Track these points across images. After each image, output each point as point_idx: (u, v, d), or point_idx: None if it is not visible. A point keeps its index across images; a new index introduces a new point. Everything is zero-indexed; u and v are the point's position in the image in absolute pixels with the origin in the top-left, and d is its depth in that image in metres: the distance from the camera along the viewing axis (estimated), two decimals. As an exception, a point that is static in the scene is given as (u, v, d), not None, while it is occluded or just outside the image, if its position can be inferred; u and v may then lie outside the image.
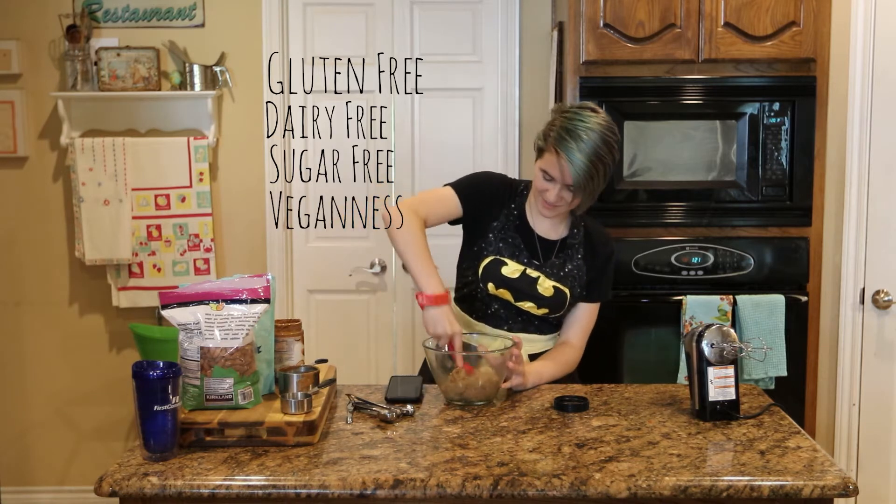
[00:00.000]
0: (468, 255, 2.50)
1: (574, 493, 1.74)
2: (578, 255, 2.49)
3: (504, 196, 2.50)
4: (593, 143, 2.31)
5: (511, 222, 2.48)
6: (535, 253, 2.46)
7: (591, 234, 2.53)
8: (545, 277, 2.42)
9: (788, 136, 3.12)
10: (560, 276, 2.45)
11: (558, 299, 2.43)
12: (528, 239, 2.47)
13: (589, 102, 2.50)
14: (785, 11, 3.06)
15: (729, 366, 2.12)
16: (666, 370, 3.13)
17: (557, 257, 2.47)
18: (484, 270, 2.43)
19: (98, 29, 3.75)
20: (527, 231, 2.48)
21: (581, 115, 2.34)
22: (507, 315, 2.46)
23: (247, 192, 3.85)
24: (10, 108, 3.78)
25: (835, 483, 1.76)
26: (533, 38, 3.80)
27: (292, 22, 3.82)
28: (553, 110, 2.45)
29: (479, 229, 2.48)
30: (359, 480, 1.75)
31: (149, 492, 1.75)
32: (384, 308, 3.95)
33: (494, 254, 2.44)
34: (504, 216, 2.48)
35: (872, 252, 3.28)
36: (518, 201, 2.50)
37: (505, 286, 2.42)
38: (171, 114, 3.81)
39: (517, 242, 2.46)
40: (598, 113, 2.37)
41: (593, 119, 2.33)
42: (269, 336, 2.12)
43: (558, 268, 2.46)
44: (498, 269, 2.42)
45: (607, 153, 2.34)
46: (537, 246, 2.47)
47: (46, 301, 3.91)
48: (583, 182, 2.32)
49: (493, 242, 2.45)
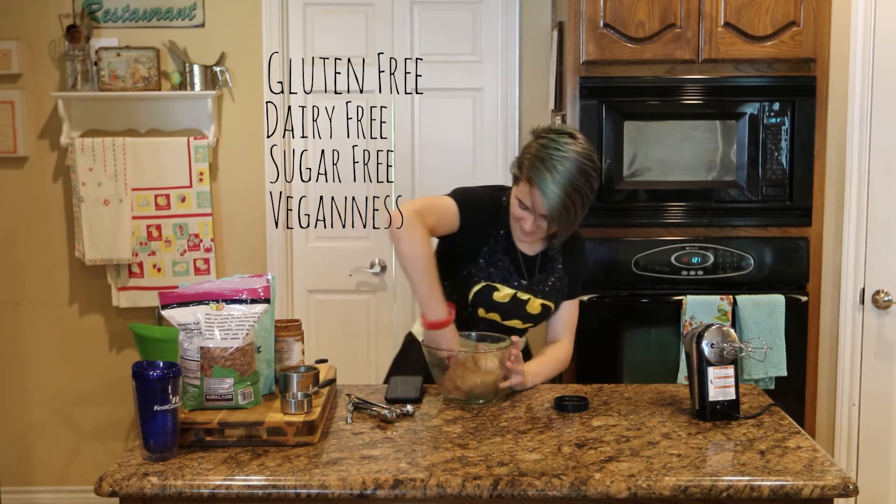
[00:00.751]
0: (458, 276, 2.39)
1: (574, 493, 1.74)
2: (559, 266, 2.46)
3: (494, 218, 2.40)
4: (568, 174, 2.20)
5: (500, 244, 2.40)
6: (521, 272, 2.41)
7: (568, 240, 2.46)
8: (534, 298, 2.39)
9: (788, 136, 3.12)
10: (545, 291, 2.42)
11: (544, 315, 2.44)
12: (515, 259, 2.41)
13: (569, 126, 2.37)
14: (785, 11, 3.06)
15: (729, 366, 2.12)
16: (666, 370, 3.13)
17: (541, 273, 2.43)
18: (475, 296, 2.37)
19: (98, 29, 3.75)
20: (513, 251, 2.41)
21: (557, 143, 2.23)
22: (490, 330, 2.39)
23: (247, 192, 3.85)
24: (10, 108, 3.78)
25: (835, 483, 1.76)
26: (533, 38, 3.81)
27: (292, 22, 3.83)
28: (531, 132, 2.35)
29: (468, 251, 2.39)
30: (359, 480, 1.75)
31: (149, 492, 1.75)
32: (384, 308, 3.95)
33: (486, 280, 2.37)
34: (493, 238, 2.40)
35: (872, 252, 3.28)
36: (505, 220, 2.41)
37: (495, 310, 2.39)
38: (171, 114, 3.81)
39: (506, 265, 2.40)
40: (577, 139, 2.26)
41: (570, 147, 2.22)
42: (269, 336, 2.12)
43: (543, 283, 2.43)
44: (490, 295, 2.37)
45: (584, 184, 2.22)
46: (522, 265, 2.42)
47: (46, 301, 3.91)
48: (557, 215, 2.23)
49: (484, 268, 2.38)
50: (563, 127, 2.33)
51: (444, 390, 2.24)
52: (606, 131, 3.10)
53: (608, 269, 3.14)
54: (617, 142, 3.11)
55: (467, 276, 2.38)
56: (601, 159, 3.12)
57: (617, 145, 3.11)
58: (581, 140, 2.27)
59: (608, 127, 3.10)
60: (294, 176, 3.90)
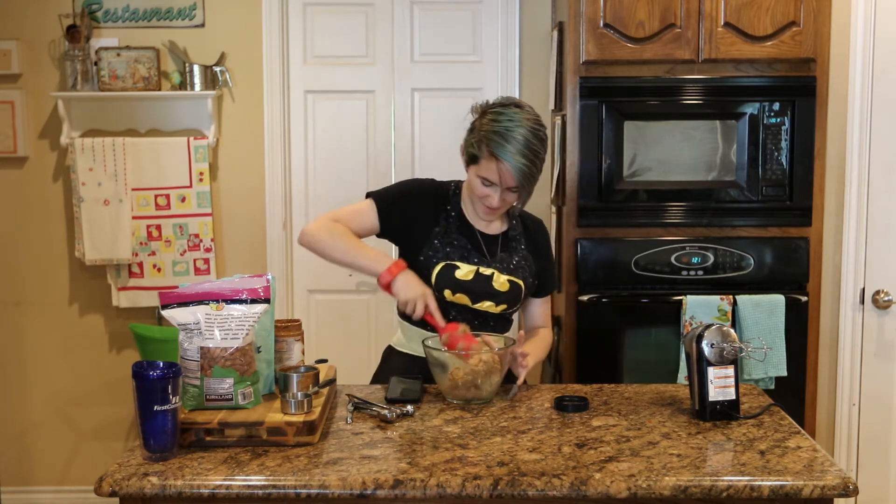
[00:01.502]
0: (416, 264, 2.41)
1: (574, 493, 1.74)
2: (522, 247, 2.49)
3: (437, 201, 2.45)
4: (526, 140, 2.27)
5: (452, 224, 2.43)
6: (481, 251, 2.43)
7: (527, 223, 2.53)
8: (498, 273, 2.40)
9: (788, 136, 3.12)
10: (510, 268, 2.43)
11: (514, 292, 2.42)
12: (472, 238, 2.44)
13: (512, 97, 2.45)
14: (785, 11, 3.06)
15: (729, 366, 2.12)
16: (666, 370, 3.13)
17: (503, 251, 2.46)
18: (437, 277, 2.37)
19: (98, 29, 3.76)
20: (469, 231, 2.44)
21: (508, 114, 2.30)
22: (464, 320, 2.39)
23: (247, 192, 3.85)
24: (10, 108, 3.78)
25: (835, 483, 1.76)
26: (533, 38, 3.81)
27: (292, 22, 3.83)
28: (473, 110, 2.40)
29: (419, 238, 2.42)
30: (359, 480, 1.75)
31: (149, 492, 1.75)
32: (384, 308, 3.95)
33: (444, 259, 2.39)
34: (444, 220, 2.43)
35: (872, 252, 3.28)
36: (454, 201, 2.46)
37: (461, 290, 2.38)
38: (171, 114, 3.81)
39: (463, 243, 2.42)
40: (523, 107, 2.34)
41: (520, 116, 2.30)
42: (269, 336, 2.12)
43: (506, 262, 2.44)
44: (451, 274, 2.37)
45: (541, 147, 2.31)
46: (481, 243, 2.44)
47: (46, 301, 3.91)
48: (524, 181, 2.30)
49: (440, 248, 2.40)
50: (507, 99, 2.40)
51: (444, 390, 2.23)
52: (606, 131, 3.10)
53: (608, 269, 3.14)
54: (617, 142, 3.11)
55: (425, 261, 2.40)
56: (601, 159, 3.12)
57: (617, 145, 3.11)
58: (527, 107, 2.36)
59: (608, 127, 3.10)
60: (294, 176, 3.90)
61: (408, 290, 2.28)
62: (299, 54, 3.84)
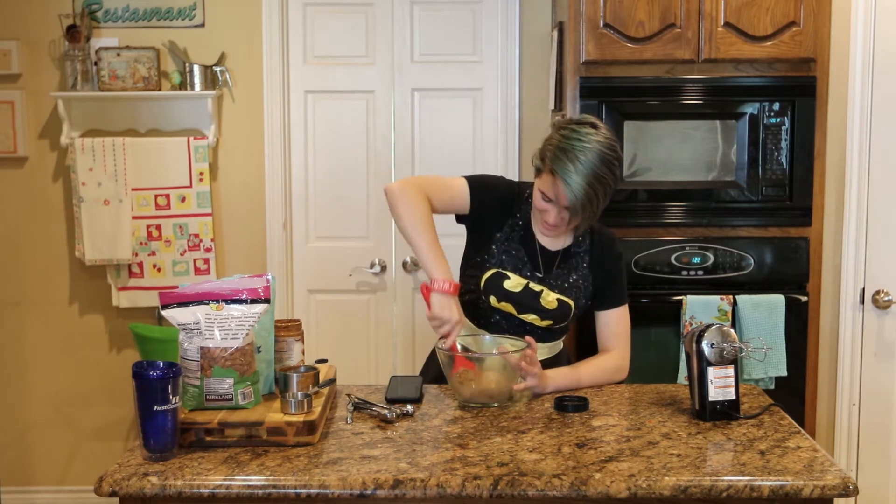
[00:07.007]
0: (472, 262, 2.42)
1: (574, 493, 1.74)
2: (584, 265, 2.42)
3: (511, 204, 2.42)
4: (591, 164, 2.20)
5: (516, 233, 2.40)
6: (537, 265, 2.39)
7: (595, 239, 2.45)
8: (548, 290, 2.36)
9: (788, 136, 3.12)
10: (564, 287, 2.38)
11: (562, 311, 2.38)
12: (531, 250, 2.40)
13: (589, 116, 2.35)
14: (785, 11, 3.06)
15: (729, 366, 2.12)
16: (666, 370, 3.13)
17: (560, 268, 2.40)
18: (486, 283, 2.36)
19: (98, 29, 3.76)
20: (530, 242, 2.40)
21: (579, 133, 2.23)
22: (508, 326, 2.40)
23: (247, 192, 3.85)
24: (10, 108, 3.78)
25: (835, 483, 1.76)
26: (533, 38, 3.81)
27: (292, 22, 3.83)
28: (552, 125, 2.34)
29: (483, 237, 2.40)
30: (359, 480, 1.75)
31: (149, 492, 1.75)
32: (384, 308, 3.95)
33: (497, 266, 2.37)
34: (509, 226, 2.40)
35: (872, 252, 3.28)
36: (523, 210, 2.42)
37: (507, 300, 2.36)
38: (171, 114, 3.81)
39: (520, 255, 2.39)
40: (599, 129, 2.26)
41: (592, 137, 2.22)
42: (269, 336, 2.12)
43: (562, 279, 2.39)
44: (500, 283, 2.35)
45: (607, 173, 2.23)
46: (539, 257, 2.40)
47: (46, 301, 3.91)
48: (580, 205, 2.22)
49: (496, 254, 2.38)
50: (585, 117, 2.33)
51: (456, 392, 2.22)
52: (606, 131, 3.11)
53: (608, 269, 3.14)
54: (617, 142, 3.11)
55: (480, 263, 2.39)
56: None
57: (617, 145, 3.11)
58: (603, 130, 2.28)
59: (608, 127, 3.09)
60: (294, 176, 3.90)
61: (444, 310, 2.20)
62: (299, 54, 3.84)
